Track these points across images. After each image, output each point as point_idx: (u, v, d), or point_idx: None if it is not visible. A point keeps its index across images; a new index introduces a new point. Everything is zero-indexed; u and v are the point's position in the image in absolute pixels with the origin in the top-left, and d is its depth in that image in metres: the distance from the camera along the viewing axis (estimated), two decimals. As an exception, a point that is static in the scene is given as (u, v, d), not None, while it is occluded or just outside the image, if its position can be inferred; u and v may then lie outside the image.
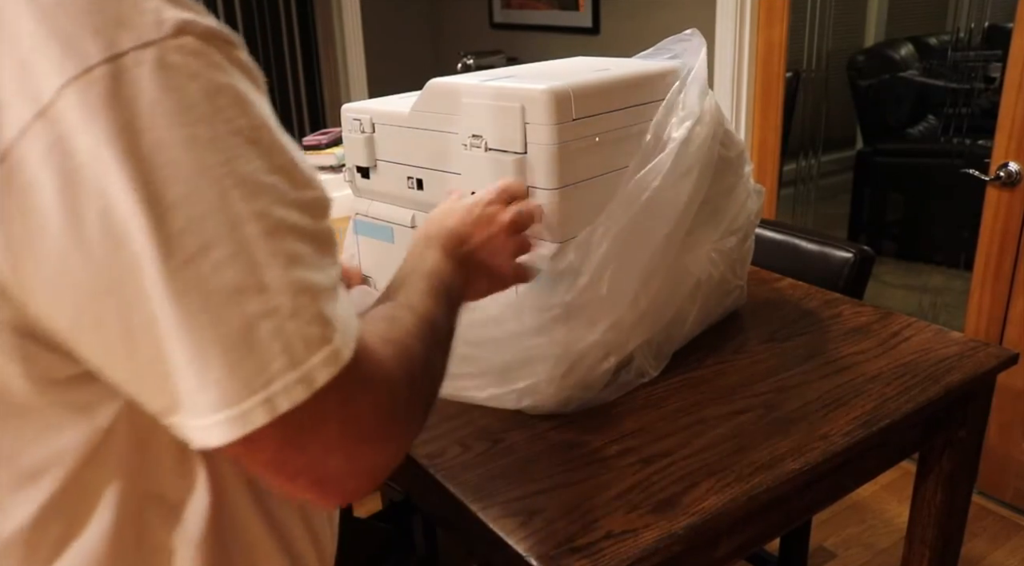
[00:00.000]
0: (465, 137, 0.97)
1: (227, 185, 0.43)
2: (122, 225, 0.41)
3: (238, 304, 0.43)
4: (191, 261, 0.42)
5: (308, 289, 0.46)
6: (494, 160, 0.95)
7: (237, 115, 0.44)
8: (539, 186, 0.93)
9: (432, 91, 1.00)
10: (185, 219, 0.41)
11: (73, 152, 0.40)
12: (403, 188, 1.07)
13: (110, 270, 0.42)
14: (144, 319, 0.42)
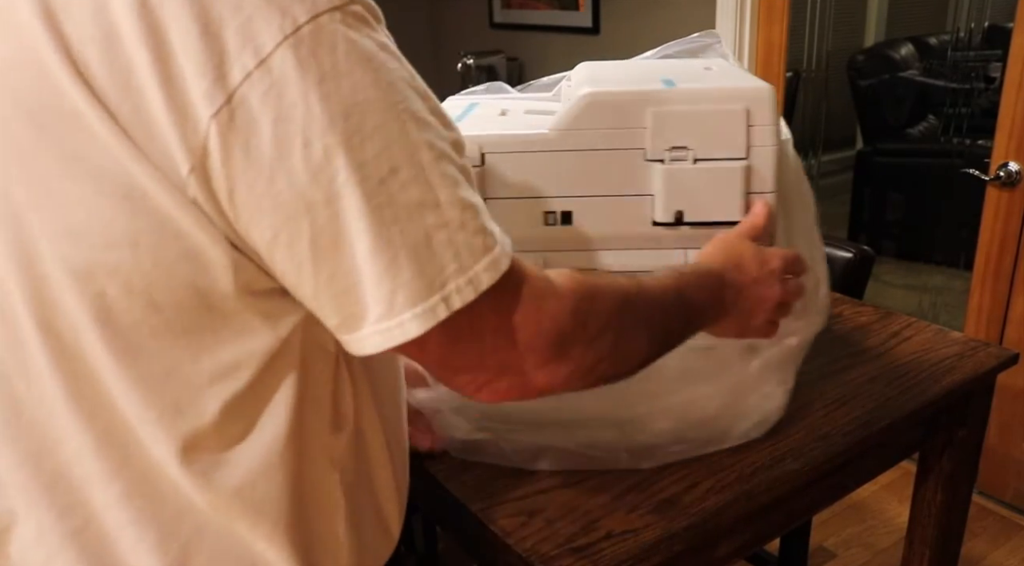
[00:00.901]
0: (659, 151, 0.86)
1: (405, 119, 0.51)
2: (324, 153, 0.49)
3: (421, 217, 0.52)
4: (383, 182, 0.50)
5: (471, 206, 0.54)
6: (708, 171, 0.86)
7: (399, 66, 0.53)
8: (759, 190, 0.87)
9: (598, 104, 0.86)
10: (377, 147, 0.50)
11: (286, 95, 0.48)
12: (533, 228, 0.90)
13: (309, 193, 0.49)
14: (336, 237, 0.51)
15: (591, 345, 0.61)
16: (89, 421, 0.57)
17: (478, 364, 0.57)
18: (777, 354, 0.88)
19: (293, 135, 0.48)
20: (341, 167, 0.49)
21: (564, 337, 0.59)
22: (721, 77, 0.92)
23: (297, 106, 0.48)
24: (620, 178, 0.88)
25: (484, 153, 0.88)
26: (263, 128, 0.48)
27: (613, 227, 0.90)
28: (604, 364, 0.63)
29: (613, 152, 0.87)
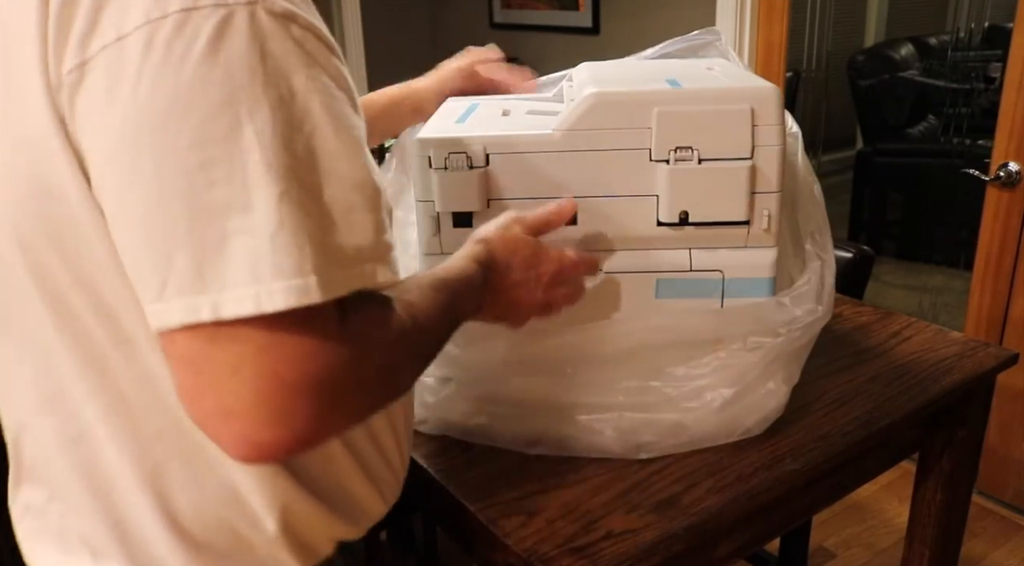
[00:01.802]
0: (664, 151, 0.86)
1: (244, 122, 0.51)
2: (136, 130, 0.50)
3: (222, 217, 0.51)
4: (189, 173, 0.50)
5: (302, 228, 0.52)
6: (713, 171, 0.86)
7: (285, 75, 0.54)
8: (764, 190, 0.87)
9: (603, 105, 0.85)
10: (194, 139, 0.50)
11: (125, 71, 0.50)
12: None
13: (120, 164, 0.51)
14: (129, 216, 0.52)
15: (366, 390, 0.57)
16: (73, 346, 0.61)
17: (230, 389, 0.50)
18: (782, 350, 0.89)
19: (118, 108, 0.50)
20: (146, 147, 0.50)
21: (339, 387, 0.53)
22: (725, 77, 0.92)
23: (128, 84, 0.49)
24: (625, 178, 0.88)
25: (488, 154, 0.87)
26: (97, 95, 0.50)
27: (618, 227, 0.90)
28: (377, 401, 0.61)
29: (618, 152, 0.87)
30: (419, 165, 0.88)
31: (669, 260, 0.91)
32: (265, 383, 0.50)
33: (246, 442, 0.51)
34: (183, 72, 0.49)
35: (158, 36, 0.49)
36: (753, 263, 0.90)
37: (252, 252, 0.50)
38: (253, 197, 0.50)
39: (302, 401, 0.51)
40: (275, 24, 0.52)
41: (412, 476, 0.94)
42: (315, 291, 0.51)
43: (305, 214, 0.52)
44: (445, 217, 0.90)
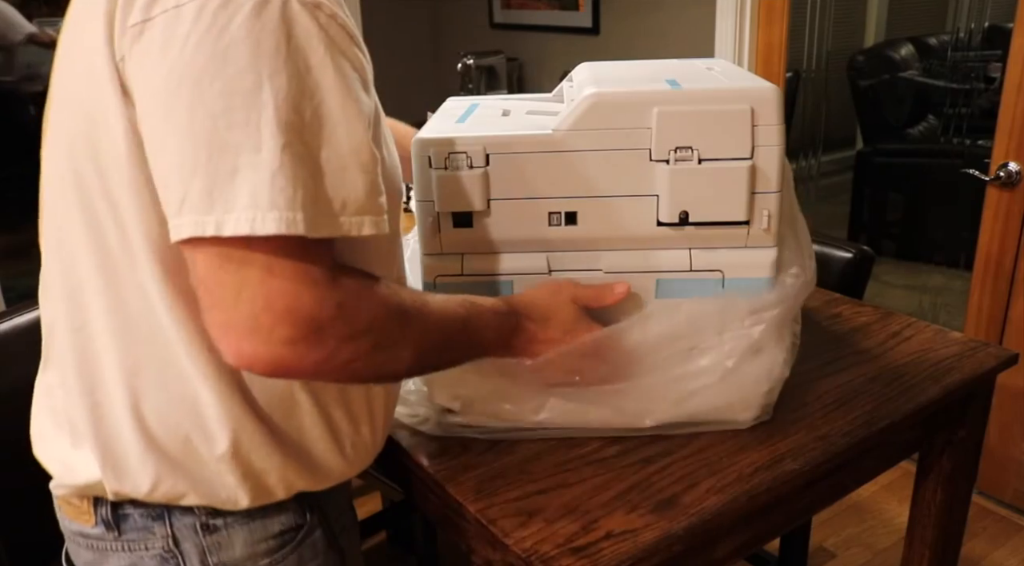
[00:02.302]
0: (664, 151, 0.86)
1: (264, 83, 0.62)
2: (179, 79, 0.61)
3: (235, 154, 0.61)
4: (214, 116, 0.61)
5: (300, 175, 0.62)
6: (713, 171, 0.86)
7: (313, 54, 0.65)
8: (764, 190, 0.87)
9: (603, 105, 0.86)
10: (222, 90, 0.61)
11: (178, 30, 0.61)
12: (536, 228, 0.90)
13: (163, 104, 0.62)
14: (162, 146, 0.63)
15: (347, 343, 0.65)
16: (93, 248, 0.71)
17: (232, 307, 0.62)
18: (771, 321, 0.90)
19: (168, 60, 0.61)
20: (184, 93, 0.61)
21: (320, 326, 0.63)
22: (725, 77, 0.92)
23: (179, 41, 0.61)
24: (625, 178, 0.88)
25: (488, 154, 0.87)
26: (153, 47, 0.62)
27: (618, 228, 0.90)
28: (358, 364, 0.67)
29: (618, 152, 0.87)
30: (419, 165, 0.88)
31: (669, 260, 0.91)
32: (258, 306, 0.61)
33: (237, 352, 0.63)
34: (223, 38, 0.60)
35: (208, 7, 0.61)
36: (753, 263, 0.90)
37: (254, 184, 0.60)
38: (262, 141, 0.61)
39: (285, 328, 0.62)
40: (304, 11, 0.63)
41: (412, 476, 0.94)
42: (301, 225, 0.61)
43: (302, 164, 0.62)
44: (445, 217, 0.90)
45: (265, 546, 0.79)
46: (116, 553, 0.78)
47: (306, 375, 0.68)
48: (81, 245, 0.72)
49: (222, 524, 0.77)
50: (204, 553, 0.77)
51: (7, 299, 2.56)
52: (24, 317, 1.21)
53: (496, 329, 0.82)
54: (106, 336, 0.73)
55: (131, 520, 0.77)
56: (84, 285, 0.73)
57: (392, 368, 0.73)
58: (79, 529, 0.80)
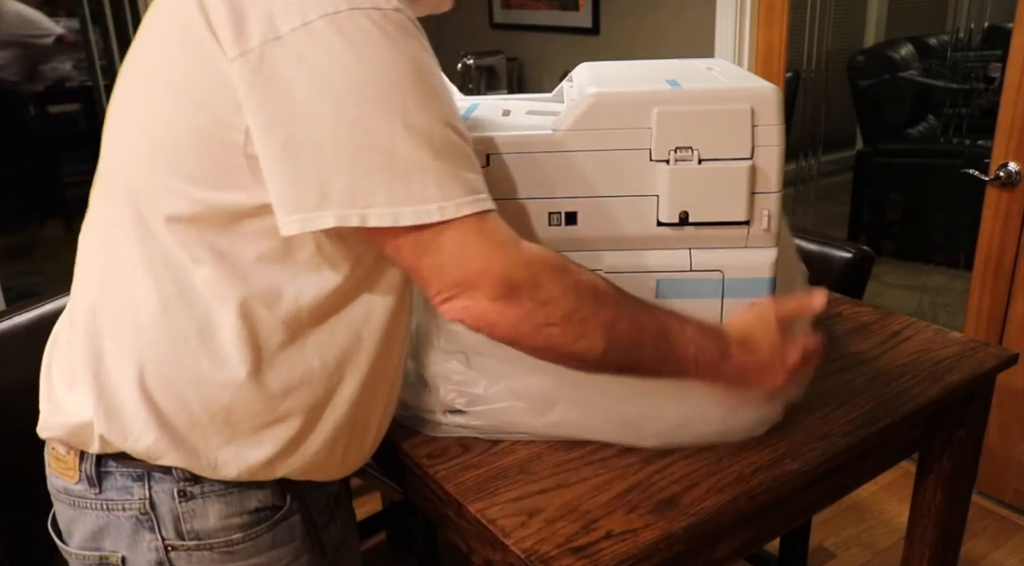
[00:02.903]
0: (664, 151, 0.86)
1: (396, 102, 0.70)
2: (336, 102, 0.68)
3: (375, 155, 0.69)
4: (353, 122, 0.68)
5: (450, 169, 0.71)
6: (713, 171, 0.86)
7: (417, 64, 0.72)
8: (764, 190, 0.87)
9: (603, 105, 0.86)
10: (364, 110, 0.68)
11: (313, 52, 0.67)
12: (537, 228, 0.90)
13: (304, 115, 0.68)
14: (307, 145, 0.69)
15: (540, 307, 0.73)
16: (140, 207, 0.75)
17: (440, 277, 0.72)
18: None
19: (307, 73, 0.67)
20: (328, 103, 0.67)
21: (513, 283, 0.72)
22: (725, 77, 0.92)
23: (315, 56, 0.67)
24: (625, 178, 0.88)
25: (489, 154, 0.87)
26: (297, 73, 0.67)
27: (618, 227, 0.90)
28: (553, 330, 0.74)
29: (618, 152, 0.87)
30: None
31: (669, 260, 0.91)
32: (462, 274, 0.71)
33: (452, 309, 0.73)
34: (357, 52, 0.67)
35: (334, 24, 0.67)
36: (753, 263, 0.90)
37: (389, 183, 0.68)
38: (395, 145, 0.68)
39: (485, 287, 0.71)
40: (410, 24, 0.70)
41: (412, 476, 0.94)
42: (482, 202, 0.71)
43: (432, 158, 0.69)
44: None
45: (239, 520, 0.81)
46: (94, 511, 0.80)
47: (506, 332, 0.74)
48: (128, 200, 0.75)
49: (199, 492, 0.79)
50: (178, 519, 0.79)
51: (7, 299, 2.56)
52: (23, 316, 1.21)
53: (699, 345, 0.80)
54: (133, 284, 0.75)
55: (112, 479, 0.79)
56: (123, 235, 0.76)
57: (586, 346, 0.75)
58: (63, 485, 0.82)
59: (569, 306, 0.74)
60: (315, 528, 0.86)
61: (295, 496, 0.84)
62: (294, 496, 0.84)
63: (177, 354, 0.75)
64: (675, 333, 0.79)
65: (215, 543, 0.80)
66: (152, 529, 0.79)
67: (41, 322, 1.19)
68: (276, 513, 0.82)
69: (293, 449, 0.80)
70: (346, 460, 0.85)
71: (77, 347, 0.79)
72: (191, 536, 0.79)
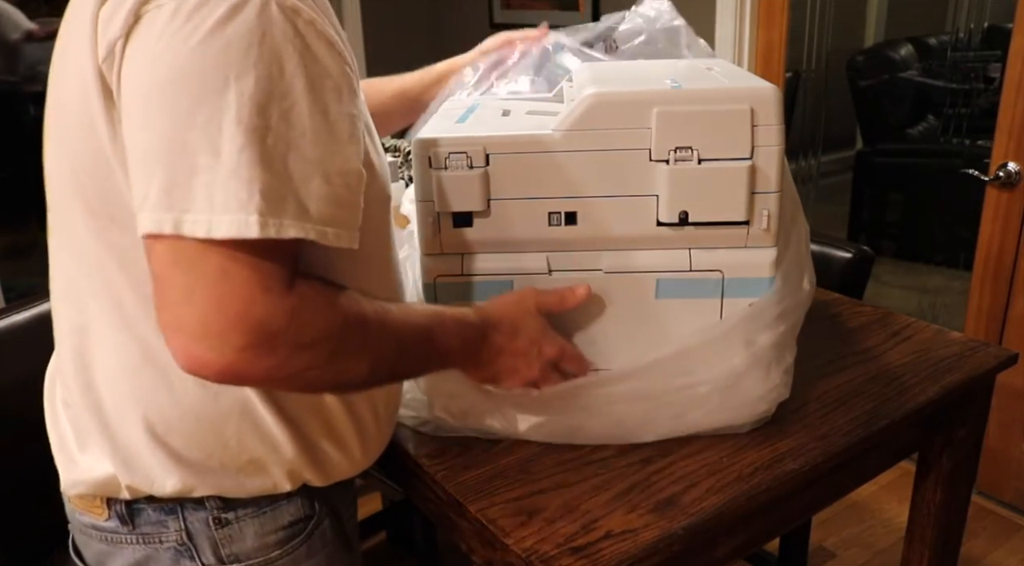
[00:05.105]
0: (663, 151, 0.85)
1: (231, 85, 0.62)
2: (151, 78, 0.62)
3: (193, 154, 0.61)
4: (175, 115, 0.62)
5: (256, 177, 0.61)
6: (713, 171, 0.86)
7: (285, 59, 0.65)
8: (763, 190, 0.87)
9: (603, 105, 0.85)
10: (189, 92, 0.62)
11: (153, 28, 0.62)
12: (536, 228, 0.90)
13: (135, 100, 0.63)
14: (131, 138, 0.64)
15: (302, 350, 0.65)
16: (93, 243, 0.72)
17: (183, 308, 0.61)
18: (768, 340, 0.90)
19: (146, 57, 0.62)
20: (154, 91, 0.62)
21: (272, 333, 0.62)
22: (725, 77, 0.92)
23: (154, 39, 0.61)
24: (625, 178, 0.87)
25: (488, 154, 0.87)
26: (138, 45, 0.63)
27: (617, 227, 0.90)
28: (314, 373, 0.67)
29: (618, 152, 0.86)
30: (419, 165, 0.88)
31: (669, 260, 0.91)
32: (210, 310, 0.61)
33: (187, 356, 0.62)
34: (193, 37, 0.60)
35: (184, 7, 0.61)
36: (753, 263, 0.90)
37: (210, 186, 0.60)
38: (222, 143, 0.60)
39: (236, 334, 0.61)
40: (282, 15, 0.62)
41: (412, 476, 0.94)
42: (254, 227, 0.60)
43: (260, 167, 0.61)
44: (445, 217, 0.90)
45: (275, 537, 0.81)
46: (131, 546, 0.79)
47: (257, 382, 0.69)
48: (79, 245, 0.72)
49: (233, 518, 0.79)
50: (217, 545, 0.79)
51: (7, 299, 2.56)
52: (23, 314, 1.21)
53: (461, 339, 0.82)
54: (106, 336, 0.74)
55: (145, 514, 0.78)
56: (83, 285, 0.74)
57: (349, 378, 0.72)
58: (91, 522, 0.81)
59: (332, 345, 0.67)
60: (343, 527, 0.87)
61: (323, 502, 0.84)
62: (322, 503, 0.84)
63: (175, 395, 0.74)
64: (438, 332, 0.79)
65: (255, 563, 0.80)
66: (192, 557, 0.79)
67: (40, 320, 1.19)
68: (308, 523, 0.83)
69: (309, 453, 0.79)
70: (367, 451, 0.85)
71: (77, 403, 0.78)
72: (231, 559, 0.79)
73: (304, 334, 0.65)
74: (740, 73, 0.97)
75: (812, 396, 1.01)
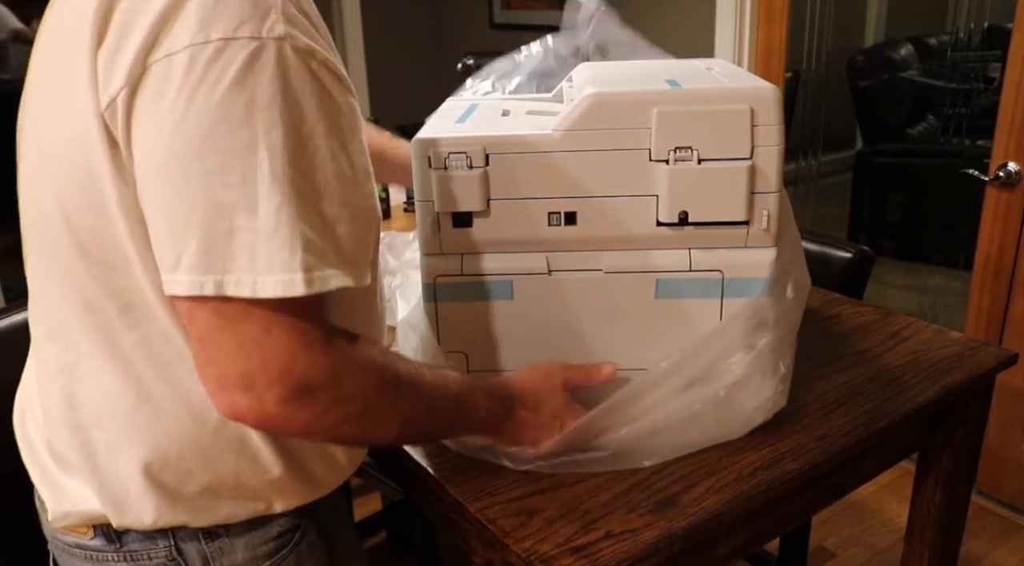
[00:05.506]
0: (663, 151, 0.86)
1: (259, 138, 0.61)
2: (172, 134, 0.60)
3: (230, 214, 0.61)
4: (207, 175, 0.61)
5: (298, 234, 0.62)
6: (712, 171, 0.86)
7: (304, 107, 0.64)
8: (763, 190, 0.87)
9: (602, 105, 0.85)
10: (218, 148, 0.60)
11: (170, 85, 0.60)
12: (536, 228, 0.90)
13: (157, 159, 0.61)
14: (155, 197, 0.63)
15: (337, 406, 0.67)
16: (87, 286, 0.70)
17: (229, 364, 0.63)
18: (765, 347, 0.90)
19: (161, 113, 0.60)
20: (179, 151, 0.60)
21: (312, 387, 0.64)
22: (725, 77, 0.92)
23: (171, 94, 0.59)
24: (624, 178, 0.88)
25: (488, 154, 0.87)
26: (149, 98, 0.60)
27: (617, 227, 0.90)
28: (347, 428, 0.69)
29: (617, 152, 0.87)
30: (419, 165, 0.88)
31: (669, 260, 0.91)
32: (253, 366, 0.62)
33: (231, 405, 0.64)
34: (216, 91, 0.59)
35: (199, 58, 0.59)
36: (753, 263, 0.90)
37: (251, 246, 0.61)
38: (259, 202, 0.60)
39: (278, 388, 0.63)
40: (297, 58, 0.62)
41: (412, 476, 0.94)
42: (300, 286, 0.61)
43: (299, 222, 0.62)
44: (445, 217, 0.90)
45: (265, 549, 0.80)
46: (117, 563, 0.78)
47: (294, 433, 0.69)
48: (73, 284, 0.70)
49: (223, 531, 0.78)
50: (207, 559, 0.78)
51: (7, 299, 2.56)
52: (21, 315, 1.21)
53: (488, 410, 0.83)
54: (98, 375, 0.72)
55: (132, 533, 0.77)
56: (70, 323, 0.72)
57: (378, 435, 0.75)
58: (75, 541, 0.79)
59: (368, 402, 0.69)
60: (327, 535, 0.87)
61: (309, 513, 0.84)
62: (308, 513, 0.83)
63: (171, 431, 0.73)
64: (466, 402, 0.81)
65: None
66: None
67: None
68: (295, 533, 0.83)
69: (301, 476, 0.79)
70: (352, 460, 0.85)
71: (62, 443, 0.76)
72: None
73: (342, 389, 0.66)
74: (740, 73, 0.97)
75: (812, 396, 1.01)
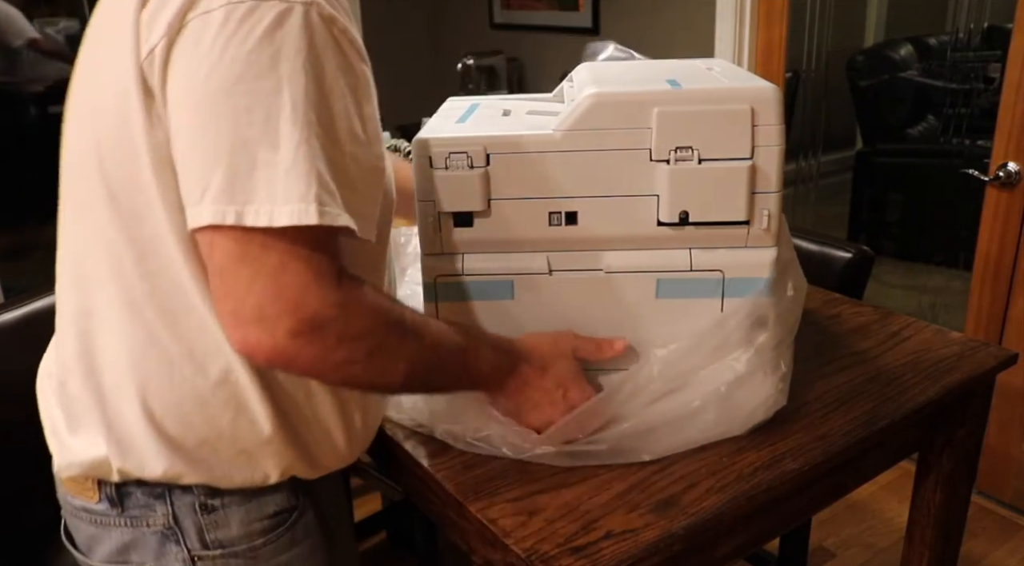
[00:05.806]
0: (664, 151, 0.86)
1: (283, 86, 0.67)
2: (207, 76, 0.66)
3: (254, 149, 0.66)
4: (236, 114, 0.66)
5: (313, 169, 0.66)
6: (713, 171, 0.86)
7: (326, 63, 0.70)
8: (764, 190, 0.87)
9: (603, 105, 0.86)
10: (246, 90, 0.66)
11: (207, 33, 0.66)
12: (537, 228, 0.90)
13: (194, 98, 0.67)
14: (186, 135, 0.68)
15: (345, 342, 0.69)
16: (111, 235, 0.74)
17: (244, 296, 0.66)
18: (765, 345, 0.90)
19: (197, 60, 0.66)
20: (212, 92, 0.65)
21: (320, 322, 0.67)
22: (725, 77, 0.92)
23: (207, 44, 0.66)
24: (625, 178, 0.88)
25: (489, 154, 0.87)
26: (186, 49, 0.67)
27: (618, 227, 0.90)
28: (355, 367, 0.71)
29: (618, 152, 0.87)
30: (419, 165, 0.88)
31: (669, 260, 0.91)
32: (267, 297, 0.65)
33: (243, 340, 0.67)
34: (248, 42, 0.65)
35: (234, 14, 0.65)
36: (753, 263, 0.90)
37: (270, 180, 0.65)
38: (280, 139, 0.66)
39: (289, 320, 0.65)
40: (321, 23, 0.68)
41: (412, 476, 0.94)
42: (314, 215, 0.65)
43: (315, 161, 0.66)
44: (446, 217, 0.90)
45: (260, 526, 0.82)
46: (119, 528, 0.81)
47: (303, 370, 0.70)
48: (98, 233, 0.75)
49: (219, 504, 0.81)
50: (202, 530, 0.81)
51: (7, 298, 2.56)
52: (21, 310, 1.21)
53: (493, 364, 0.84)
54: (113, 321, 0.76)
55: (134, 498, 0.80)
56: (92, 272, 0.76)
57: (386, 379, 0.75)
58: (82, 504, 0.83)
59: (374, 343, 0.71)
60: (325, 521, 0.88)
61: (306, 495, 0.86)
62: (305, 495, 0.85)
63: (174, 381, 0.76)
64: (471, 353, 0.82)
65: (239, 550, 0.82)
66: (178, 542, 0.81)
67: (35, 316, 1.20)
68: (292, 514, 0.84)
69: (298, 447, 0.81)
70: (352, 446, 0.86)
71: (78, 385, 0.80)
72: (215, 545, 0.81)
73: (350, 327, 0.69)
74: (740, 73, 0.97)
75: (812, 396, 1.01)
